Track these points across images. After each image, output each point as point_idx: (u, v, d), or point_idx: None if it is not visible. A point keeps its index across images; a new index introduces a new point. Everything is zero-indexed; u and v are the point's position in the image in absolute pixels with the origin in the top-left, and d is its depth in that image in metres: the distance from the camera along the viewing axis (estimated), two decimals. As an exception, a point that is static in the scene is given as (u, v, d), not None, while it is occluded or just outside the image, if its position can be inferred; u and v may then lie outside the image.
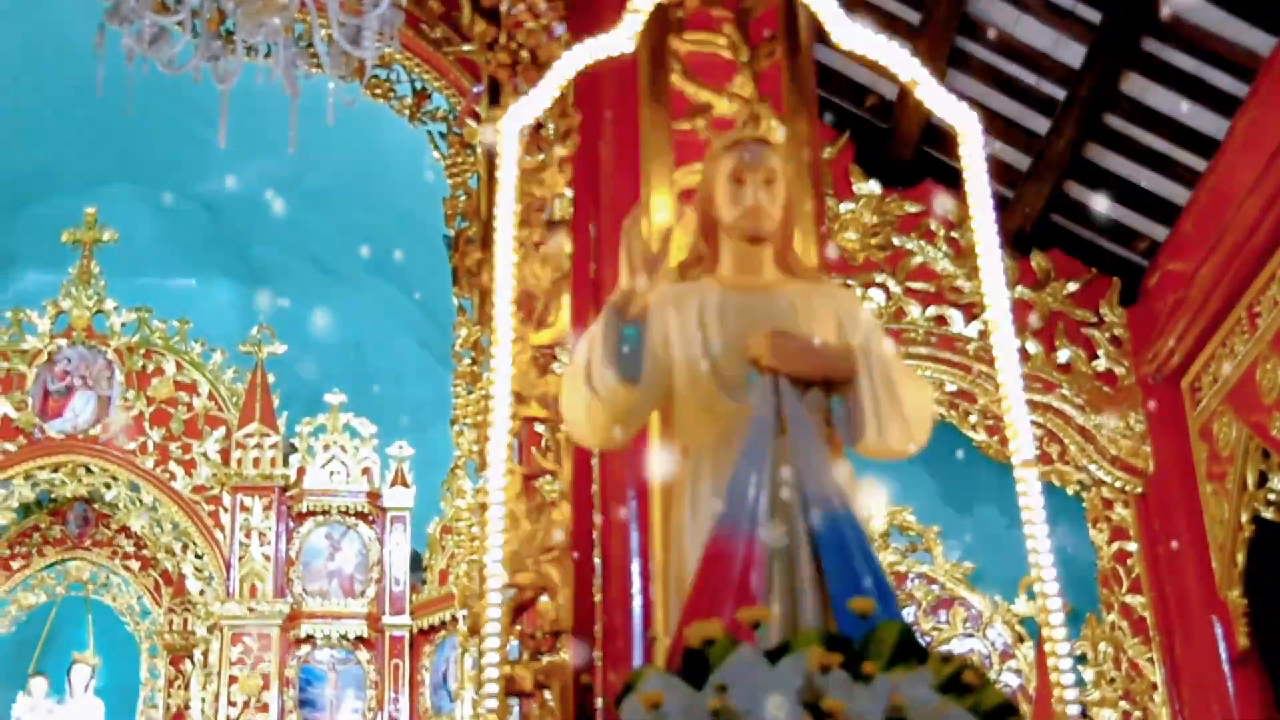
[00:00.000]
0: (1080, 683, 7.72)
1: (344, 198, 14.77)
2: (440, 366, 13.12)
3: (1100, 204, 8.39)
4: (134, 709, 13.96)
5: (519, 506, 5.66)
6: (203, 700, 13.07)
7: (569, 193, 6.20)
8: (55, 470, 13.60)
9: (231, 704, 12.69)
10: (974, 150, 4.43)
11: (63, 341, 14.03)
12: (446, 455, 10.81)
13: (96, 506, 14.24)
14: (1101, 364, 8.39)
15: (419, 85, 9.52)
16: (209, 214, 15.61)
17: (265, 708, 12.74)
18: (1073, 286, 8.53)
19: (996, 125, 8.01)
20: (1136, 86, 7.70)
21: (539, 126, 6.60)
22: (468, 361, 8.44)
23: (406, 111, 9.69)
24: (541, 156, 6.30)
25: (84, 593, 14.39)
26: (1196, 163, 7.80)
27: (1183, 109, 7.65)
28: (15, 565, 14.31)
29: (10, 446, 13.55)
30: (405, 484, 13.76)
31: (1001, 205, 8.12)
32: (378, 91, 9.60)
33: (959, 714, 3.07)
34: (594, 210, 5.90)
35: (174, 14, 5.91)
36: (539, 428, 6.04)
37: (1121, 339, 8.42)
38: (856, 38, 4.61)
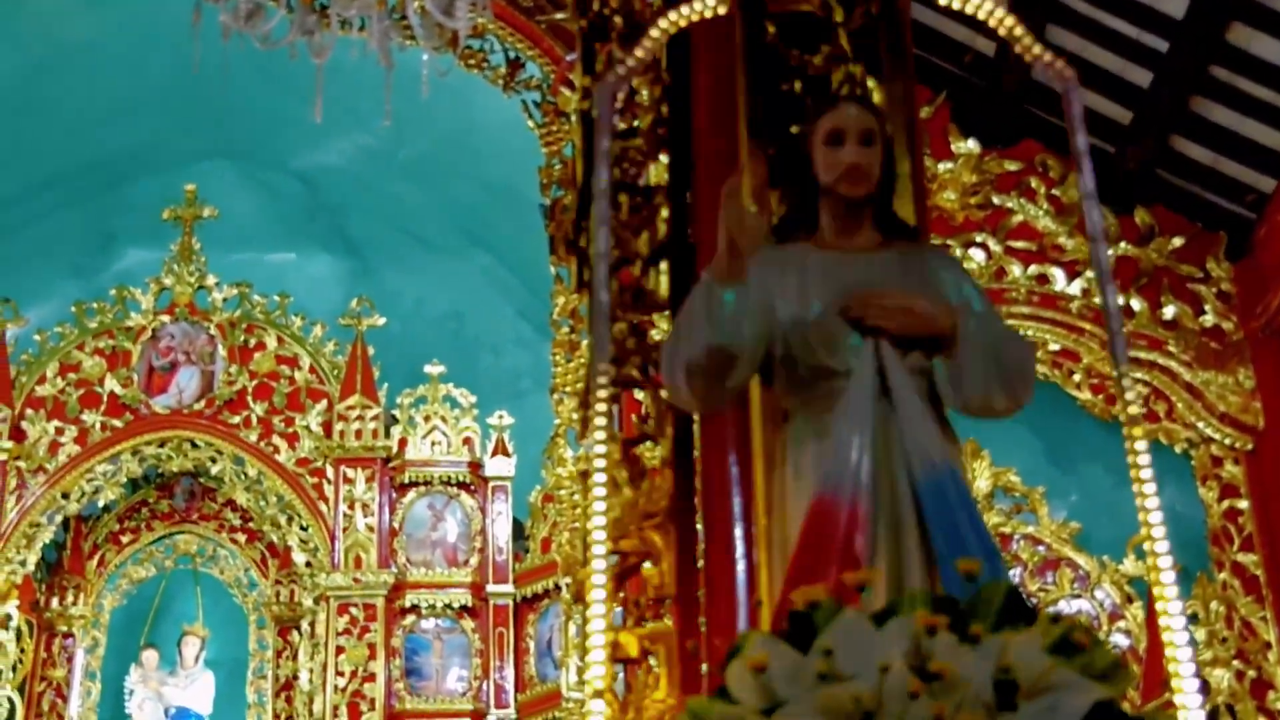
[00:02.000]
0: (1192, 642, 7.64)
1: (440, 169, 14.82)
2: (539, 335, 13.16)
3: (1205, 157, 8.27)
4: (244, 680, 14.16)
5: (620, 473, 5.68)
6: (310, 670, 13.24)
7: (665, 158, 6.19)
8: (161, 445, 13.79)
9: (339, 674, 12.83)
10: (1074, 106, 4.37)
11: (166, 318, 14.21)
12: (547, 424, 10.88)
13: (202, 481, 14.45)
14: (1209, 320, 8.29)
15: (512, 54, 9.55)
16: (306, 188, 15.72)
17: (372, 677, 12.88)
18: (1178, 242, 8.43)
19: (1098, 79, 7.91)
20: (1241, 36, 7.58)
21: (633, 93, 6.59)
22: (566, 330, 8.46)
23: (500, 81, 9.73)
24: (636, 122, 6.30)
25: (192, 566, 14.62)
26: (1305, 112, 7.69)
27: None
28: (125, 540, 14.56)
29: (117, 423, 13.76)
30: (506, 453, 13.83)
31: (1103, 161, 8.05)
32: (471, 62, 9.64)
33: (1069, 675, 3.05)
34: (689, 175, 5.89)
35: (269, -10, 5.98)
36: (639, 394, 6.05)
37: (1229, 294, 8.31)
38: (954, -7, 4.57)
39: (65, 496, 13.57)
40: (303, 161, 15.37)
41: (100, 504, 14.09)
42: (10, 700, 13.12)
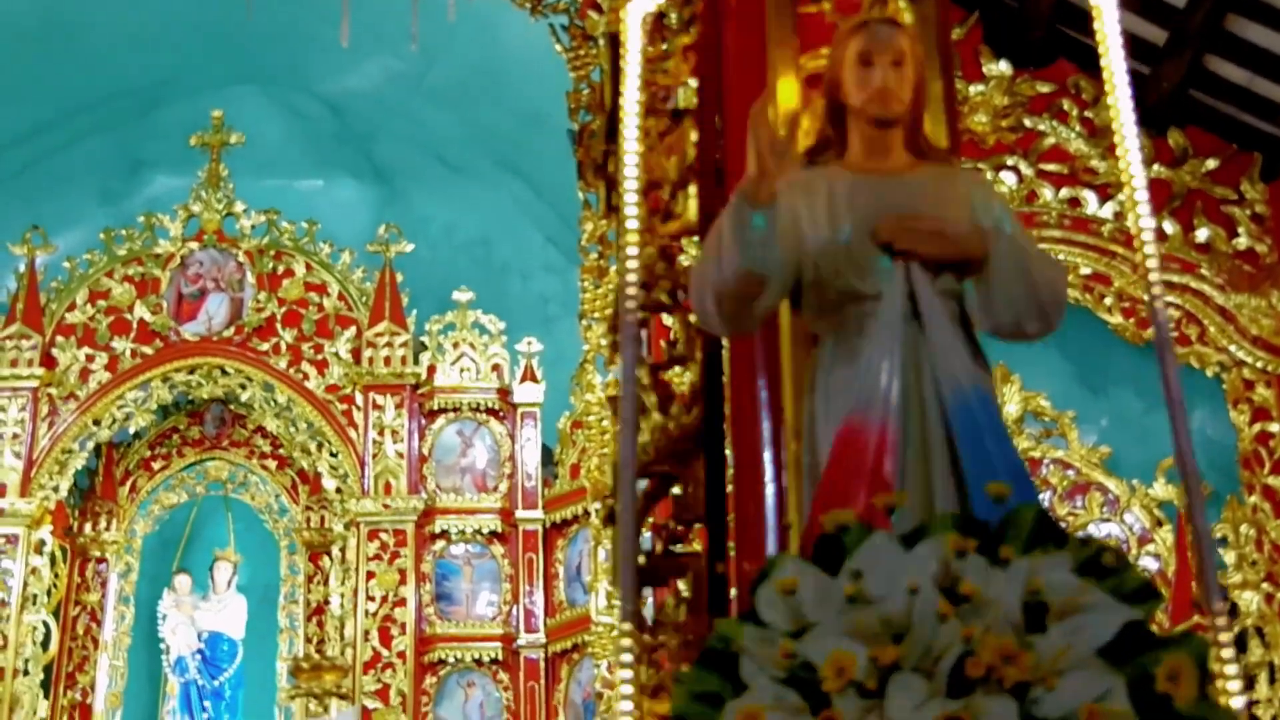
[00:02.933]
0: (1221, 565, 7.64)
1: (468, 94, 14.77)
2: (567, 262, 13.17)
3: (1240, 76, 8.17)
4: (275, 604, 14.27)
5: (649, 398, 5.67)
6: (342, 595, 13.33)
7: (693, 82, 6.14)
8: (191, 372, 13.86)
9: (370, 599, 12.93)
10: (1109, 24, 4.31)
11: (194, 245, 14.25)
12: (575, 350, 10.88)
13: (233, 407, 14.53)
14: (1242, 242, 8.21)
15: (541, -22, 9.44)
16: (333, 114, 15.70)
17: (403, 602, 12.97)
18: (1212, 164, 8.33)
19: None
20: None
21: (661, 15, 6.54)
22: (594, 256, 8.43)
23: (527, 5, 9.61)
24: (664, 46, 6.24)
25: (223, 492, 14.71)
26: (1341, 30, 7.58)
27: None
28: (156, 466, 14.66)
29: (147, 350, 13.81)
30: (535, 379, 13.86)
31: (1137, 82, 7.94)
32: (498, -15, 9.53)
33: (1099, 597, 3.05)
34: (718, 98, 5.85)
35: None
36: (667, 319, 6.03)
37: (1263, 216, 8.23)
38: (984, -87, 4.53)
39: (96, 423, 13.65)
40: (330, 86, 15.34)
41: (131, 430, 14.22)
42: (45, 624, 13.25)
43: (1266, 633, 7.76)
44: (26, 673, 12.90)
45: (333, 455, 13.58)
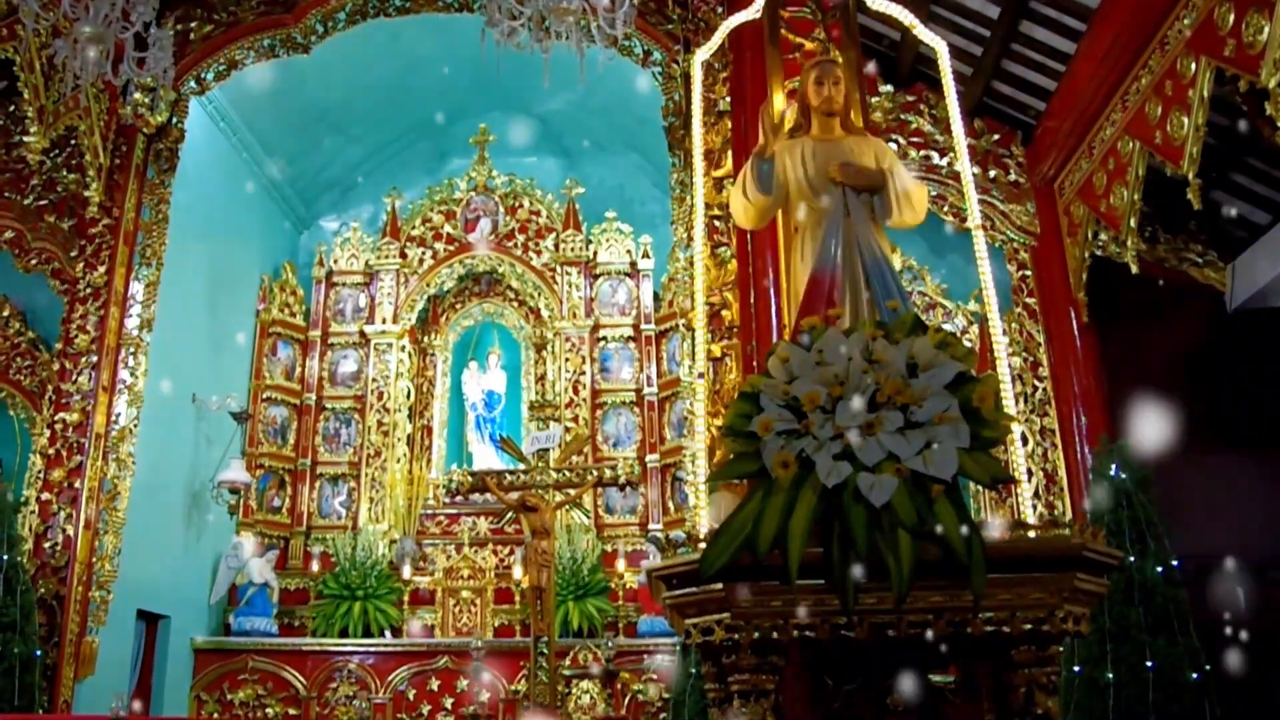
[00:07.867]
0: (1006, 351, 7.55)
1: (619, 115, 14.11)
2: (664, 194, 12.68)
3: (1011, 91, 7.91)
4: (519, 375, 14.09)
5: (710, 261, 5.66)
6: (554, 369, 13.21)
7: (729, 98, 6.03)
8: (473, 259, 13.27)
9: (567, 371, 12.74)
10: (944, 62, 4.18)
11: (473, 193, 13.89)
12: (669, 239, 10.51)
13: (495, 275, 14.12)
14: (1013, 177, 8.05)
15: (646, 48, 9.08)
16: (542, 122, 15.03)
17: (584, 372, 12.80)
18: (996, 136, 8.14)
19: (955, 49, 7.50)
20: (1040, 33, 7.20)
21: (711, 65, 6.40)
22: (678, 190, 8.29)
23: (640, 64, 9.23)
24: (714, 78, 6.12)
25: (492, 319, 14.63)
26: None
27: (1059, 42, 7.16)
28: (458, 306, 14.18)
29: (451, 248, 13.39)
30: (648, 256, 13.23)
31: (961, 83, 7.68)
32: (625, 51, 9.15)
33: (945, 358, 3.04)
34: (742, 104, 5.74)
35: None
36: (718, 221, 5.99)
37: (1023, 163, 8.08)
38: (880, 3, 4.35)
39: (428, 285, 13.46)
40: (539, 108, 14.74)
41: (445, 288, 13.86)
42: (407, 387, 13.25)
43: (1025, 379, 7.71)
44: (399, 411, 13.15)
45: (546, 298, 13.50)
